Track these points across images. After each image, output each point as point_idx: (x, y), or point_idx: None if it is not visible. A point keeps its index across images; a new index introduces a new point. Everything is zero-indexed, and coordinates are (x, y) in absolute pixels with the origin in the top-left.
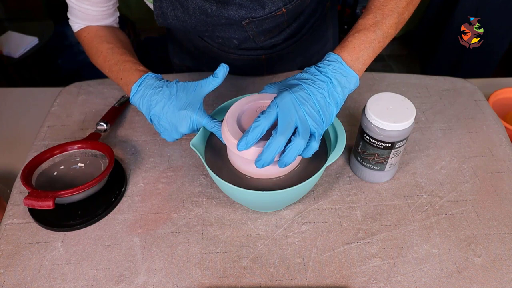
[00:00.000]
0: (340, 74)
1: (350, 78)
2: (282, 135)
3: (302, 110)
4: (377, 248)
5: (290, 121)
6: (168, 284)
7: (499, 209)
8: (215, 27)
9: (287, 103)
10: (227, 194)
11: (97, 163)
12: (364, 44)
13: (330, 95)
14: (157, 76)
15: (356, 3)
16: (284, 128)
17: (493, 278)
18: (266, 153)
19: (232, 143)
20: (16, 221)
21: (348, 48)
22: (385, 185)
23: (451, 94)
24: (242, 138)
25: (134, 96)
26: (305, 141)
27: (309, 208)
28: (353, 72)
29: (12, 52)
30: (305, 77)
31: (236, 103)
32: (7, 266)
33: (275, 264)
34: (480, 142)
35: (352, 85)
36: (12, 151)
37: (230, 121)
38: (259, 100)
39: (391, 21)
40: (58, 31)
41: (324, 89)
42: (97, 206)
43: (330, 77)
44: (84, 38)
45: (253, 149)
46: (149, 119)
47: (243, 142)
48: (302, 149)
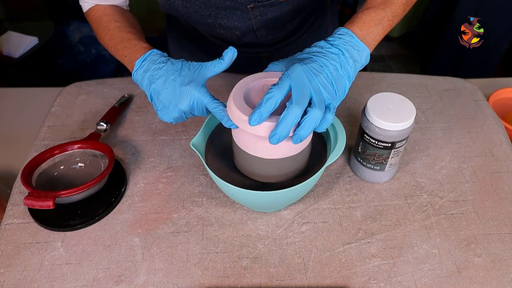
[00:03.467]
0: (351, 47)
1: (362, 51)
2: (298, 106)
3: (316, 81)
4: (377, 248)
5: (305, 91)
6: (168, 284)
7: (499, 209)
8: (219, 11)
9: (300, 74)
10: (227, 194)
11: (97, 163)
12: (374, 21)
13: (342, 68)
14: (163, 54)
15: (356, 3)
16: (299, 98)
17: (493, 278)
18: (281, 126)
19: (242, 120)
20: (16, 221)
21: (359, 23)
22: (385, 185)
23: (451, 94)
24: (254, 111)
25: (136, 71)
26: (322, 112)
27: (309, 208)
28: (364, 45)
29: (12, 52)
30: (315, 50)
31: (240, 82)
32: (7, 266)
33: (275, 264)
34: (480, 142)
35: (364, 60)
36: (12, 151)
37: (237, 98)
38: (264, 78)
39: (400, 1)
40: (58, 31)
41: (337, 61)
42: (97, 206)
43: (342, 50)
44: (92, 17)
45: (265, 124)
46: (149, 95)
47: (256, 115)
48: (319, 120)
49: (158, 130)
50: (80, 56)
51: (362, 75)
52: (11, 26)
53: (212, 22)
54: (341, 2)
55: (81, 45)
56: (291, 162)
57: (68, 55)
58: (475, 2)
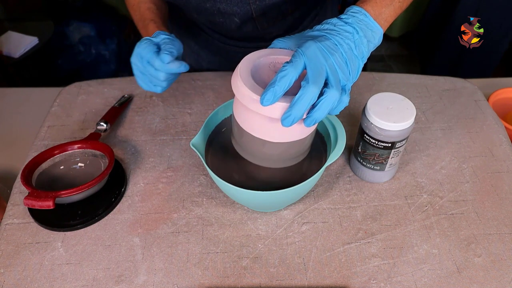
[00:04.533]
0: (365, 26)
1: (375, 31)
2: (315, 85)
3: (332, 59)
4: (377, 248)
5: (322, 70)
6: (168, 284)
7: (499, 209)
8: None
9: (315, 51)
10: (227, 194)
11: (97, 163)
12: (385, 1)
13: (357, 47)
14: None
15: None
16: (316, 77)
17: (493, 278)
18: (297, 106)
19: (252, 99)
20: (16, 221)
21: (371, 2)
22: (385, 185)
23: (451, 94)
24: (267, 90)
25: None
26: (339, 93)
27: (309, 208)
28: (378, 25)
29: (12, 52)
30: (327, 28)
31: (245, 59)
32: (7, 266)
33: (275, 264)
34: (480, 142)
35: (377, 40)
36: (12, 151)
37: (244, 75)
38: (270, 55)
39: None
40: (58, 31)
41: (351, 40)
42: (97, 206)
43: (356, 28)
44: None
45: (278, 105)
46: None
47: (270, 95)
48: (336, 102)
49: (158, 130)
50: (80, 56)
51: (362, 75)
52: (11, 26)
53: (210, 7)
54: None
55: (81, 45)
56: (298, 146)
57: (68, 55)
58: (475, 2)
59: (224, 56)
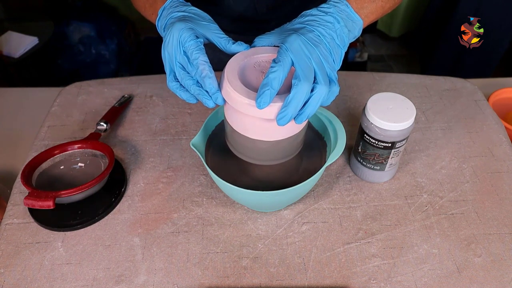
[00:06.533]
0: (346, 17)
1: (356, 23)
2: (307, 81)
3: (317, 52)
4: (377, 248)
5: (310, 65)
6: (168, 284)
7: (499, 209)
8: None
9: (300, 46)
10: (227, 194)
11: (97, 163)
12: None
13: (338, 37)
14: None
15: None
16: (305, 73)
17: (493, 278)
18: (291, 105)
19: (244, 104)
20: (16, 221)
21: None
22: (385, 185)
23: (451, 94)
24: (262, 93)
25: (159, 21)
26: (327, 87)
27: (309, 208)
28: (358, 17)
29: (12, 52)
30: (307, 19)
31: (230, 61)
32: (7, 266)
33: (275, 264)
34: (480, 142)
35: (357, 31)
36: (12, 151)
37: (233, 81)
38: (254, 55)
39: None
40: (58, 31)
41: (332, 30)
42: (97, 206)
43: (337, 18)
44: None
45: (273, 106)
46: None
47: (266, 97)
48: (325, 96)
49: (158, 130)
50: (80, 56)
51: (362, 75)
52: (11, 26)
53: None
54: None
55: (81, 45)
56: (293, 141)
57: (68, 55)
58: (475, 2)
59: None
